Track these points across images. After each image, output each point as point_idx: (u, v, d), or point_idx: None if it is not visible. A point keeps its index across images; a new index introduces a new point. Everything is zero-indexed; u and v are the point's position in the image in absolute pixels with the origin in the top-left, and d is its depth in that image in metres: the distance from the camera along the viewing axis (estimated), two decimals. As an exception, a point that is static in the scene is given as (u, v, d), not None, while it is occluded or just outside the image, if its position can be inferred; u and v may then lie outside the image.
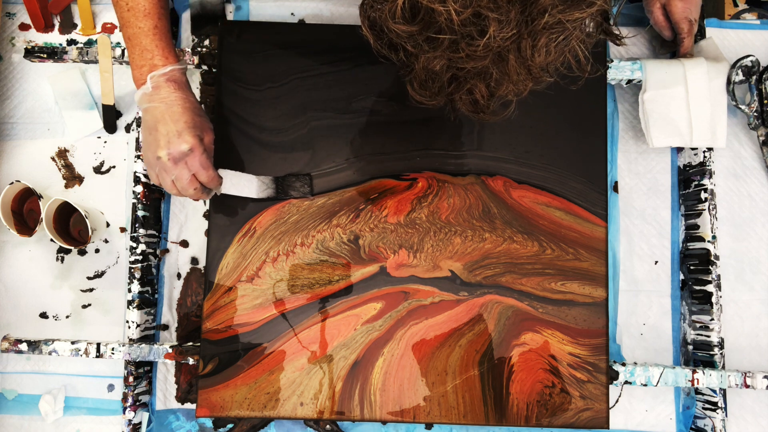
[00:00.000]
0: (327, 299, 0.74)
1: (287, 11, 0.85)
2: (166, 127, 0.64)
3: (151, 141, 0.65)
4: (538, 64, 0.47)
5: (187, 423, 0.79)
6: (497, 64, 0.48)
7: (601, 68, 0.56)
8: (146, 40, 0.65)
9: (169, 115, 0.64)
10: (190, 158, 0.65)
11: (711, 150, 0.78)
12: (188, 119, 0.65)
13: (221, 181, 0.70)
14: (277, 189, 0.74)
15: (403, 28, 0.46)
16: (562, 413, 0.72)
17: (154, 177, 0.67)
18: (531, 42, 0.46)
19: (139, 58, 0.65)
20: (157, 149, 0.65)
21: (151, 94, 0.65)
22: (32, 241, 0.81)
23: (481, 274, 0.74)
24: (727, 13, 0.87)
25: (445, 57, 0.48)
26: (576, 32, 0.46)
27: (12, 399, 0.80)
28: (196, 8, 0.83)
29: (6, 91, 0.84)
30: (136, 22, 0.64)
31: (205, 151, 0.67)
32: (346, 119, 0.76)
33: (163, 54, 0.65)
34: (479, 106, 0.54)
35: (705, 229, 0.78)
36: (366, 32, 0.52)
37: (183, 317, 0.80)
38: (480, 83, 0.51)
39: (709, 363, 0.77)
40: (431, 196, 0.75)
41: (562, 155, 0.76)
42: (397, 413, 0.72)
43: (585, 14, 0.45)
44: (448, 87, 0.53)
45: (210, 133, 0.69)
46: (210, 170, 0.67)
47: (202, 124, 0.67)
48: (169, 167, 0.65)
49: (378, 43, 0.52)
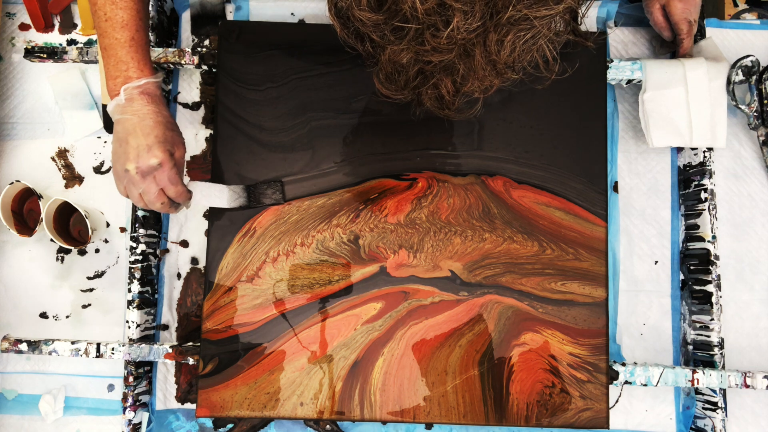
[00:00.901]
0: (327, 299, 0.74)
1: (287, 11, 0.85)
2: (136, 140, 0.63)
3: (121, 153, 0.64)
4: (504, 60, 0.47)
5: (187, 423, 0.79)
6: (463, 59, 0.47)
7: (569, 69, 0.56)
8: (122, 52, 0.63)
9: (141, 128, 0.64)
10: (159, 173, 0.64)
11: (711, 150, 0.78)
12: (159, 133, 0.64)
13: (190, 196, 0.69)
14: (248, 197, 0.74)
15: (368, 15, 0.46)
16: (562, 413, 0.72)
17: (122, 189, 0.66)
18: (497, 37, 0.45)
19: (113, 69, 0.64)
20: (126, 162, 0.64)
21: (124, 106, 0.64)
22: (32, 241, 0.81)
23: (481, 274, 0.74)
24: (727, 13, 0.87)
25: (411, 49, 0.48)
26: (544, 30, 0.46)
27: (12, 399, 0.80)
28: (196, 8, 0.83)
29: (6, 91, 0.84)
30: (113, 33, 0.63)
31: (174, 166, 0.66)
32: (346, 119, 0.76)
33: (139, 66, 0.64)
34: (444, 102, 0.54)
35: (705, 229, 0.78)
36: (332, 20, 0.51)
37: (183, 317, 0.80)
38: (446, 78, 0.50)
39: (709, 363, 0.77)
40: (431, 196, 0.75)
41: (562, 155, 0.76)
42: (397, 413, 0.72)
43: (553, 12, 0.44)
44: (413, 81, 0.52)
45: (181, 148, 0.68)
46: (178, 185, 0.66)
47: (174, 139, 0.66)
48: (136, 180, 0.64)
49: (344, 32, 0.52)
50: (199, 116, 0.84)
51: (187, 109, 0.84)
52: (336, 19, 0.51)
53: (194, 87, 0.84)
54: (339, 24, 0.52)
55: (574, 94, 0.77)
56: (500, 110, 0.76)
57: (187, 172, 0.82)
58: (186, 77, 0.84)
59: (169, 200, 0.67)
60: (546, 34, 0.47)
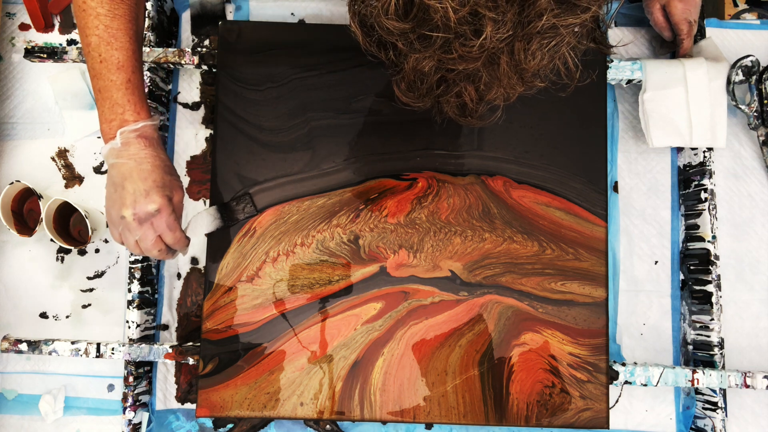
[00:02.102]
0: (327, 299, 0.74)
1: (287, 11, 0.85)
2: (133, 185, 0.62)
3: (117, 198, 0.62)
4: (530, 68, 0.47)
5: (187, 423, 0.79)
6: (488, 67, 0.47)
7: (592, 74, 0.55)
8: (118, 94, 0.61)
9: (138, 173, 0.62)
10: (157, 219, 0.63)
11: (711, 150, 0.78)
12: (157, 178, 0.63)
13: (188, 242, 0.68)
14: (222, 218, 0.73)
15: (395, 24, 0.45)
16: (562, 413, 0.72)
17: (117, 236, 0.64)
18: (523, 45, 0.45)
19: (109, 112, 0.62)
20: (122, 208, 0.62)
21: (120, 150, 0.62)
22: (32, 241, 0.81)
23: (481, 274, 0.74)
24: (727, 13, 0.87)
25: (435, 57, 0.47)
26: (568, 38, 0.46)
27: (12, 399, 0.80)
28: (196, 8, 0.83)
29: (6, 91, 0.84)
30: (108, 75, 0.61)
31: (173, 212, 0.64)
32: (346, 119, 0.76)
33: (135, 109, 0.62)
34: (467, 109, 0.53)
35: (705, 229, 0.78)
36: (355, 29, 0.51)
37: (183, 317, 0.80)
38: (469, 86, 0.50)
39: (709, 363, 0.77)
40: (431, 196, 0.75)
41: (562, 155, 0.76)
42: (397, 413, 0.72)
43: (579, 20, 0.44)
44: (436, 89, 0.52)
45: (180, 192, 0.66)
46: (177, 232, 0.65)
47: (172, 183, 0.65)
48: (133, 227, 0.63)
49: (367, 41, 0.51)
50: (199, 116, 0.84)
51: (187, 109, 0.84)
52: (359, 29, 0.50)
53: (194, 87, 0.84)
54: (362, 33, 0.50)
55: (574, 94, 0.76)
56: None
57: (187, 172, 0.82)
58: (186, 77, 0.84)
59: (167, 247, 0.66)
60: (570, 41, 0.46)
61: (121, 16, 0.61)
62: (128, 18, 0.61)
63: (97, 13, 0.60)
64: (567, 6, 0.44)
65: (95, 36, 0.60)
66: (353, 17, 0.50)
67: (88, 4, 0.60)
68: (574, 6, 0.44)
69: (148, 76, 0.78)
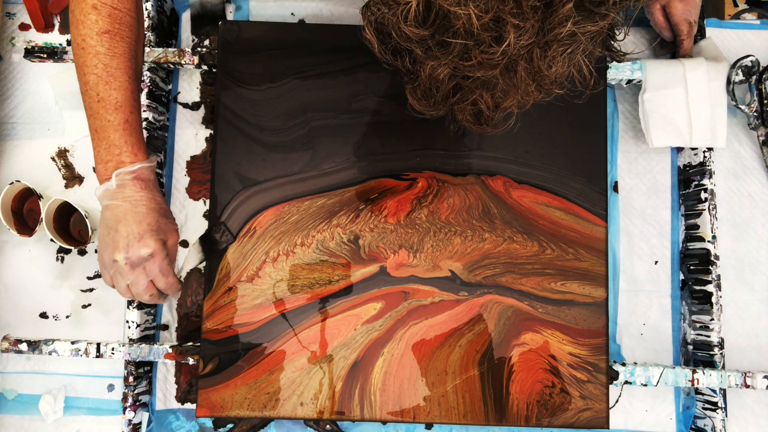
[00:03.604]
0: (327, 299, 0.74)
1: (287, 11, 0.85)
2: (127, 228, 0.61)
3: (109, 241, 0.61)
4: (550, 75, 0.46)
5: (187, 423, 0.79)
6: (505, 75, 0.46)
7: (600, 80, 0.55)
8: (115, 135, 0.60)
9: (132, 216, 0.61)
10: (150, 263, 0.62)
11: (711, 150, 0.78)
12: (152, 221, 0.62)
13: (181, 287, 0.68)
14: (205, 250, 0.73)
15: (415, 31, 0.44)
16: (562, 413, 0.72)
17: (108, 279, 0.64)
18: (542, 53, 0.44)
19: (105, 153, 0.61)
20: (115, 251, 0.61)
21: (115, 191, 0.61)
22: (32, 241, 0.81)
23: (481, 274, 0.74)
24: (727, 13, 0.87)
25: (452, 65, 0.46)
26: (584, 45, 0.45)
27: (12, 399, 0.80)
28: (196, 8, 0.83)
29: (6, 91, 0.84)
30: (105, 115, 0.60)
31: (167, 257, 0.64)
32: (346, 119, 0.76)
33: (132, 150, 0.61)
34: (483, 117, 0.52)
35: (705, 229, 0.78)
36: (370, 36, 0.50)
37: (183, 317, 0.80)
38: (486, 93, 0.49)
39: (709, 363, 0.77)
40: (431, 196, 0.75)
41: (562, 155, 0.76)
42: (397, 413, 0.72)
43: (597, 27, 0.44)
44: (453, 96, 0.51)
45: (174, 235, 0.66)
46: (170, 277, 0.64)
47: (167, 227, 0.64)
48: (125, 271, 0.62)
49: (382, 49, 0.50)
50: (199, 116, 0.84)
51: (187, 109, 0.84)
52: (375, 36, 0.49)
53: (194, 87, 0.84)
54: (377, 40, 0.49)
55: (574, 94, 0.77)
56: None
57: (187, 172, 0.82)
58: (186, 77, 0.84)
59: (158, 291, 0.65)
60: (586, 48, 0.46)
61: (120, 54, 0.60)
62: (127, 57, 0.60)
63: (96, 52, 0.59)
64: (587, 13, 0.43)
65: (93, 75, 0.59)
66: (368, 25, 0.49)
67: (87, 42, 0.59)
68: (593, 13, 0.43)
69: (148, 76, 0.78)
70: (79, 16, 0.59)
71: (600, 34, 0.46)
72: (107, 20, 0.59)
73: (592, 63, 0.48)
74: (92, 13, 0.58)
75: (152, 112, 0.79)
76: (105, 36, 0.59)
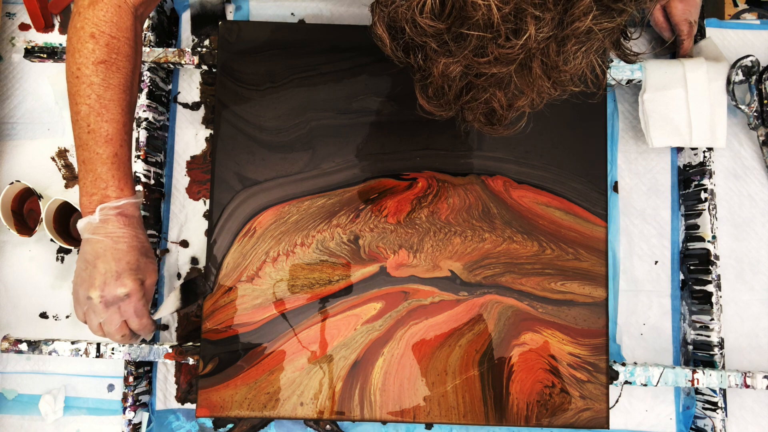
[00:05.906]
0: (327, 299, 0.74)
1: (287, 11, 0.85)
2: (105, 265, 0.59)
3: (86, 277, 0.60)
4: (568, 71, 0.45)
5: (187, 423, 0.79)
6: (519, 72, 0.45)
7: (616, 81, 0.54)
8: (103, 168, 0.58)
9: (112, 253, 0.59)
10: (125, 303, 0.61)
11: (711, 150, 0.78)
12: (132, 260, 0.60)
13: (154, 328, 0.66)
14: (182, 300, 0.72)
15: (431, 23, 0.43)
16: (562, 413, 0.72)
17: (81, 315, 0.62)
18: (558, 48, 0.43)
19: (91, 186, 0.59)
20: (90, 288, 0.59)
21: (97, 226, 0.59)
22: (32, 241, 0.81)
23: (480, 274, 0.74)
24: (727, 13, 0.87)
25: (465, 61, 0.45)
26: (598, 43, 0.44)
27: (12, 399, 0.80)
28: (196, 8, 0.83)
29: (6, 91, 0.84)
30: (95, 147, 0.58)
31: (143, 297, 0.62)
32: (346, 119, 0.76)
33: (119, 185, 0.59)
34: (495, 117, 0.51)
35: (705, 229, 0.78)
36: (381, 33, 0.48)
37: (183, 317, 0.80)
38: (499, 92, 0.48)
39: (709, 363, 0.77)
40: (431, 196, 0.75)
41: (562, 155, 0.76)
42: (397, 413, 0.72)
43: (613, 24, 0.43)
44: (465, 95, 0.49)
45: (153, 275, 0.64)
46: (144, 318, 0.63)
47: (146, 266, 0.63)
48: (99, 310, 0.60)
49: (393, 45, 0.48)
50: (199, 116, 0.84)
51: (187, 109, 0.84)
52: (386, 31, 0.48)
53: (194, 87, 0.84)
54: (389, 36, 0.48)
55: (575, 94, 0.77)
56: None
57: (187, 172, 0.82)
58: (186, 77, 0.84)
59: (131, 332, 0.64)
60: (600, 46, 0.45)
61: (115, 86, 0.58)
62: (122, 88, 0.59)
63: (91, 82, 0.57)
64: (605, 9, 0.43)
65: (86, 105, 0.57)
66: (380, 20, 0.48)
67: (82, 71, 0.57)
68: (610, 9, 0.43)
69: (148, 76, 0.78)
70: (76, 44, 0.57)
71: (615, 32, 0.45)
72: (104, 50, 0.57)
73: (605, 62, 0.48)
74: (90, 41, 0.57)
75: (152, 112, 0.79)
76: (101, 66, 0.57)
